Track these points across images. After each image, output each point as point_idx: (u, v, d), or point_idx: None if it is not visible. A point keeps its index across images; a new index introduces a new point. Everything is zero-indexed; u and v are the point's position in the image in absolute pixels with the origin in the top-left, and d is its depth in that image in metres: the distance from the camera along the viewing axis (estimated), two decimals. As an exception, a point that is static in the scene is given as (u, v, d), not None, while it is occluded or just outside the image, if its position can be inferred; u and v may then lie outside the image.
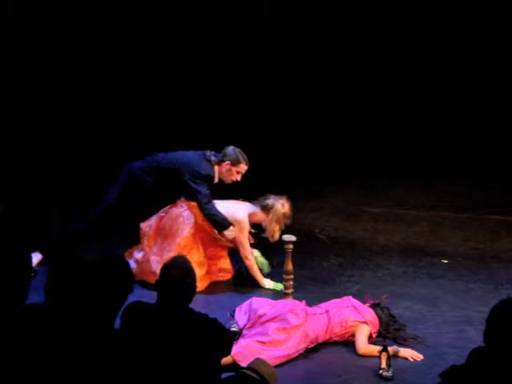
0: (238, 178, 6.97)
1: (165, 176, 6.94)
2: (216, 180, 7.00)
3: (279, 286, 6.76)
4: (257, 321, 5.72)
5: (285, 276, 6.53)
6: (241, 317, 5.88)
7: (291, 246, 6.51)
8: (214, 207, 6.83)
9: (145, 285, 6.34)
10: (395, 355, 5.58)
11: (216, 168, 6.95)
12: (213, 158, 6.93)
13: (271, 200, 6.91)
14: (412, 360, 5.61)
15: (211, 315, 4.12)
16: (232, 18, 10.71)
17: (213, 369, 4.07)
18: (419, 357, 5.64)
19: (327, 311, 5.87)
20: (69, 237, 6.94)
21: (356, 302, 6.03)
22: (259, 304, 5.90)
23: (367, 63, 11.07)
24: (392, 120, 10.98)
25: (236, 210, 6.95)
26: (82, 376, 3.03)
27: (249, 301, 6.02)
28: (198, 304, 4.16)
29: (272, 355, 5.36)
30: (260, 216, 6.95)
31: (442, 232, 8.49)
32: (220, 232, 6.87)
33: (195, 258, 6.65)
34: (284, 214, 6.89)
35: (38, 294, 3.20)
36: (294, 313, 5.72)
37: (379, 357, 5.44)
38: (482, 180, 10.03)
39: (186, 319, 4.02)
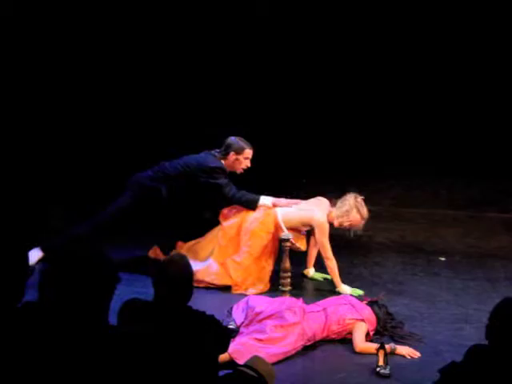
0: (248, 163, 6.99)
1: (175, 183, 6.91)
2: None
3: (357, 292, 6.66)
4: (254, 318, 5.73)
5: (282, 274, 6.55)
6: (238, 314, 5.89)
7: (288, 244, 6.53)
8: (238, 192, 6.87)
9: (143, 283, 6.35)
10: (392, 353, 5.59)
11: (223, 162, 6.97)
12: (217, 154, 6.96)
13: (349, 193, 6.86)
14: (409, 357, 5.61)
15: (208, 313, 4.12)
16: (234, 18, 10.72)
17: (210, 366, 4.07)
18: (416, 354, 5.64)
19: (324, 309, 5.88)
20: (70, 239, 6.92)
21: (353, 300, 6.05)
22: (256, 301, 5.91)
23: (369, 62, 11.09)
24: (391, 119, 10.98)
25: (314, 211, 6.82)
26: (81, 372, 3.05)
27: (246, 298, 6.04)
28: (195, 302, 4.16)
29: (269, 353, 5.37)
30: None
31: (440, 230, 8.51)
32: (255, 208, 6.86)
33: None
34: (356, 207, 6.77)
35: (35, 292, 3.22)
36: (292, 310, 5.73)
37: (376, 354, 5.45)
38: (480, 178, 10.03)
39: (184, 317, 4.03)
